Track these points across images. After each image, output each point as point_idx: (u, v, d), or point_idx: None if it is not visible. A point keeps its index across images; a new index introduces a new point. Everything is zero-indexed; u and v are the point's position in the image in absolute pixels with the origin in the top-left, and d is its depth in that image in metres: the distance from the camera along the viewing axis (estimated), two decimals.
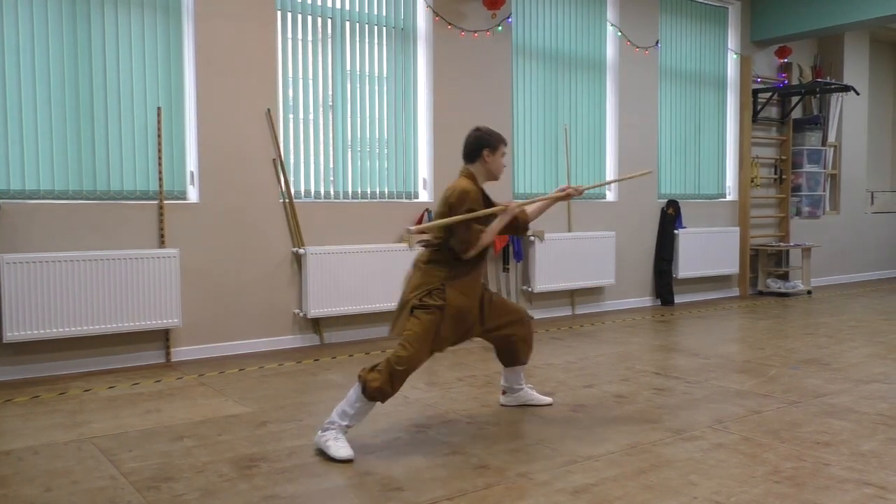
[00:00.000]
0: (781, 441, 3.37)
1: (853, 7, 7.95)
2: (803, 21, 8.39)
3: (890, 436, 3.44)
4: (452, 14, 6.40)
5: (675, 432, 3.51)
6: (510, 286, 6.84)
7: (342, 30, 5.92)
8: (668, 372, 4.77)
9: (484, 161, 3.63)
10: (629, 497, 2.74)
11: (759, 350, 5.50)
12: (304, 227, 5.68)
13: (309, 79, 5.80)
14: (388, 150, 6.22)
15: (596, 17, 7.45)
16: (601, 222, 7.47)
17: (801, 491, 2.78)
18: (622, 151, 7.64)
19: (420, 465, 3.10)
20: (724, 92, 8.71)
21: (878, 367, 4.90)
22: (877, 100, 10.90)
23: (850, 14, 7.99)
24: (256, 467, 3.08)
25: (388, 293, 5.90)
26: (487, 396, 4.19)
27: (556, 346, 5.72)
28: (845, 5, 8.01)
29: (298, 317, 5.68)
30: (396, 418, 3.78)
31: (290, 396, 4.24)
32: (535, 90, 7.03)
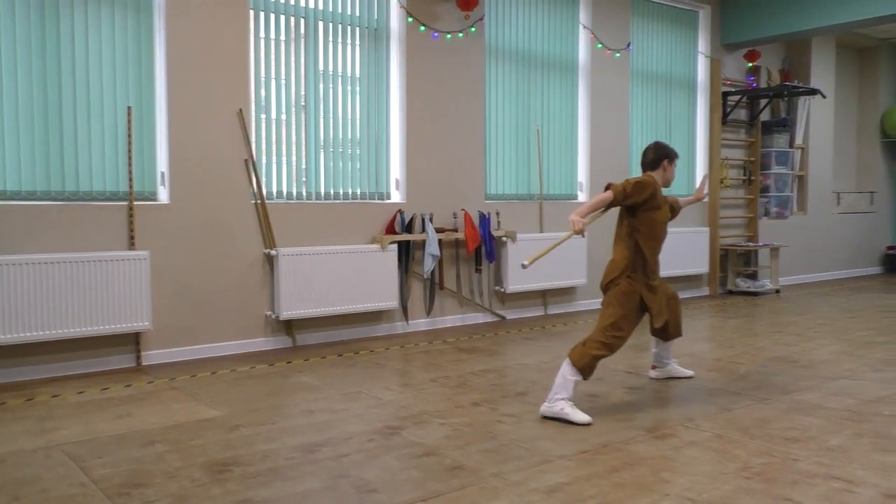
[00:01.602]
0: (751, 438, 3.42)
1: (820, 13, 8.10)
2: (772, 25, 8.52)
3: (856, 431, 3.50)
4: (425, 15, 6.40)
5: (647, 430, 3.54)
6: (483, 287, 6.86)
7: (315, 30, 5.89)
8: (640, 371, 4.81)
9: (664, 169, 4.31)
10: (602, 495, 2.76)
11: (729, 348, 5.57)
12: (276, 228, 5.64)
13: (281, 79, 5.76)
14: (360, 151, 6.20)
15: (568, 19, 7.49)
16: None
17: (771, 486, 2.82)
18: (594, 152, 7.70)
19: (394, 466, 3.10)
20: (694, 94, 8.81)
21: (845, 364, 4.99)
22: (842, 103, 11.10)
23: (816, 19, 8.13)
24: (229, 472, 3.05)
25: (360, 294, 5.89)
26: (460, 397, 4.20)
27: (529, 346, 5.75)
28: (812, 11, 8.15)
29: (270, 319, 5.64)
30: (369, 420, 3.77)
31: (262, 399, 4.21)
32: (507, 91, 7.06)
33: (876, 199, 11.42)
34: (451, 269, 6.63)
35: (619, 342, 3.83)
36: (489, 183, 6.95)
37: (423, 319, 6.49)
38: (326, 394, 4.30)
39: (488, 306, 6.91)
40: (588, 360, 3.76)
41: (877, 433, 3.47)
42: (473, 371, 4.86)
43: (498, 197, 7.02)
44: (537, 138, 7.26)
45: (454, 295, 6.68)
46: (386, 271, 6.03)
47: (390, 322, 6.30)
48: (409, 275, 6.33)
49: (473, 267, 6.78)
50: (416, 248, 6.37)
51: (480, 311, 6.86)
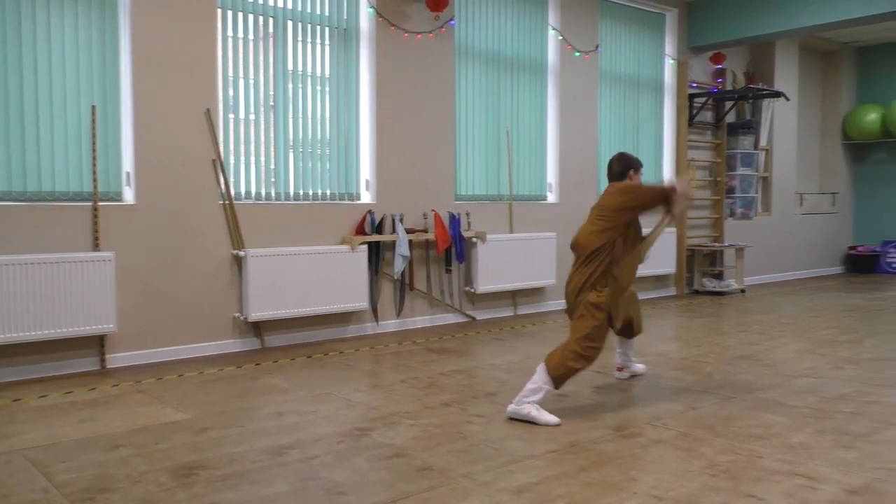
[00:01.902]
0: (717, 435, 3.47)
1: (783, 16, 8.24)
2: (736, 29, 8.65)
3: (818, 428, 3.57)
4: (395, 15, 6.39)
5: (614, 429, 3.58)
6: (453, 287, 6.87)
7: (284, 29, 5.85)
8: (608, 370, 4.85)
9: (630, 179, 4.31)
10: (571, 495, 2.78)
11: (695, 347, 5.64)
12: (244, 229, 5.59)
13: (250, 78, 5.72)
14: (329, 152, 6.18)
15: (538, 21, 7.54)
16: (542, 223, 7.56)
17: (736, 484, 2.87)
18: (563, 154, 7.75)
19: (363, 468, 3.09)
20: (662, 96, 8.91)
21: (808, 362, 5.08)
22: (805, 105, 11.31)
23: (780, 23, 8.27)
24: (196, 475, 3.02)
25: (330, 295, 5.86)
26: (430, 398, 4.20)
27: (498, 346, 5.77)
28: (776, 14, 8.29)
29: (239, 320, 5.59)
30: (339, 422, 3.76)
31: (230, 402, 4.17)
32: (477, 92, 7.08)
33: (838, 200, 11.65)
34: (421, 270, 6.63)
35: (596, 353, 3.81)
36: (459, 184, 6.96)
37: (393, 320, 6.48)
38: (295, 396, 4.28)
39: (458, 307, 6.92)
40: (564, 370, 3.74)
41: (838, 430, 3.54)
42: (443, 372, 4.86)
43: (468, 198, 7.03)
44: (507, 139, 7.29)
45: (424, 296, 6.67)
46: (356, 272, 6.01)
47: (360, 323, 6.28)
48: (379, 275, 6.32)
49: (444, 268, 6.79)
50: (386, 249, 6.36)
51: (450, 311, 6.87)
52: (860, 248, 11.62)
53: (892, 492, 2.78)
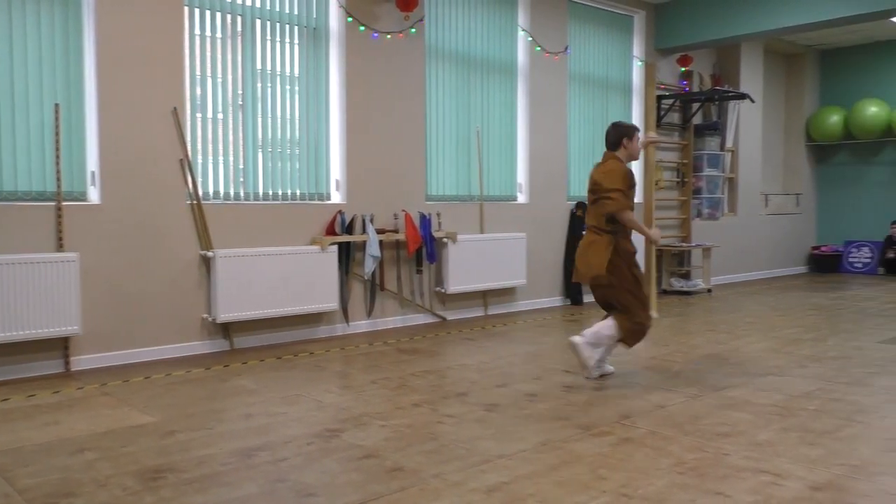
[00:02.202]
0: (685, 434, 3.51)
1: (748, 19, 8.37)
2: (703, 31, 8.77)
3: (783, 425, 3.63)
4: (365, 15, 6.37)
5: (584, 428, 3.60)
6: (424, 288, 6.86)
7: (252, 28, 5.80)
8: (578, 370, 4.88)
9: (625, 147, 4.62)
10: (541, 494, 2.79)
11: (663, 347, 5.70)
12: (212, 229, 5.53)
13: (218, 77, 5.66)
14: (299, 151, 6.14)
15: (507, 22, 7.56)
16: (512, 224, 7.59)
17: (703, 481, 2.90)
18: (533, 154, 7.79)
19: (334, 469, 3.08)
20: (630, 97, 9.00)
21: (773, 360, 5.16)
22: (770, 107, 11.50)
23: (745, 26, 8.40)
24: (163, 479, 2.98)
25: (300, 296, 5.83)
26: (401, 398, 4.19)
27: (469, 346, 5.78)
28: (741, 18, 8.42)
29: (207, 322, 5.53)
30: (309, 423, 3.74)
31: (198, 404, 4.12)
32: (448, 92, 7.08)
33: (802, 201, 11.86)
34: (391, 271, 6.62)
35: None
36: (430, 184, 6.96)
37: (363, 321, 6.46)
38: (265, 397, 4.24)
39: (429, 307, 6.92)
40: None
41: (803, 427, 3.61)
42: (414, 372, 4.86)
43: (439, 198, 7.03)
44: (477, 140, 7.30)
45: (395, 296, 6.66)
46: (326, 273, 5.98)
47: (330, 324, 6.25)
48: (349, 276, 6.29)
49: (414, 268, 6.78)
50: (356, 250, 6.34)
51: (421, 312, 6.86)
52: (823, 248, 11.84)
53: (854, 488, 2.84)
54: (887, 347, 5.59)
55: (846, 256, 11.62)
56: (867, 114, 11.05)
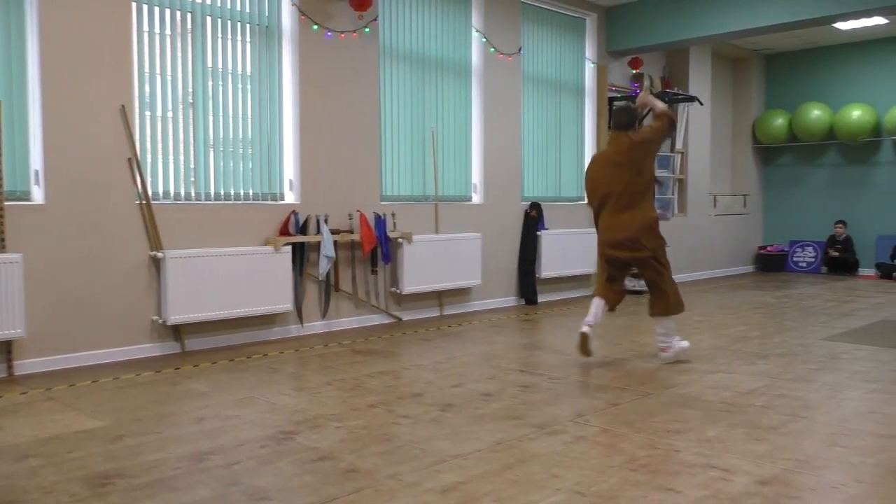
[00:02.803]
0: (637, 431, 3.56)
1: (696, 24, 8.54)
2: (653, 35, 8.92)
3: (732, 422, 3.71)
4: (318, 14, 6.32)
5: (539, 427, 3.63)
6: (379, 288, 6.84)
7: (202, 25, 5.71)
8: (533, 369, 4.93)
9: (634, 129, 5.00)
10: (496, 493, 2.81)
11: (616, 345, 5.78)
12: (162, 229, 5.43)
13: (167, 75, 5.55)
14: (252, 151, 6.06)
15: (461, 23, 7.59)
16: (468, 224, 7.62)
17: (655, 477, 2.95)
18: (487, 154, 7.83)
19: (288, 472, 3.05)
20: (583, 99, 9.11)
21: (722, 358, 5.28)
22: (718, 110, 11.76)
23: (693, 30, 8.58)
24: (112, 484, 2.91)
25: (253, 297, 5.76)
26: (356, 399, 4.17)
27: (424, 346, 5.78)
28: (690, 22, 8.59)
29: (157, 324, 5.43)
30: (262, 426, 3.70)
31: (148, 408, 4.04)
32: (402, 92, 7.07)
33: (749, 202, 12.15)
34: (346, 271, 6.58)
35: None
36: (385, 184, 6.94)
37: (318, 322, 6.41)
38: (217, 400, 4.18)
39: (384, 308, 6.90)
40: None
41: (750, 423, 3.69)
42: (369, 373, 4.84)
43: (393, 198, 7.02)
44: (432, 140, 7.31)
45: (350, 297, 6.63)
46: (280, 273, 5.92)
47: (284, 325, 6.18)
48: (303, 277, 6.24)
49: (369, 268, 6.76)
50: (310, 250, 6.28)
51: (376, 312, 6.84)
52: (769, 247, 12.15)
53: (799, 481, 2.92)
54: (830, 344, 5.76)
55: (791, 256, 11.94)
56: (810, 117, 11.38)
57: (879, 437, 3.46)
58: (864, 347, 5.62)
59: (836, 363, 5.08)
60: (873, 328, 6.52)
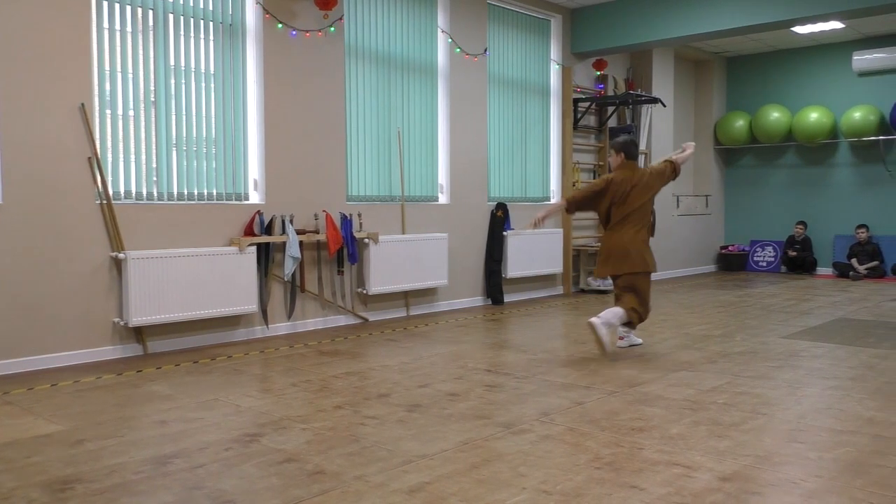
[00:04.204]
0: (601, 429, 3.60)
1: (659, 27, 8.66)
2: (617, 36, 9.02)
3: (694, 419, 3.77)
4: (283, 12, 6.28)
5: (505, 426, 3.65)
6: (345, 289, 6.81)
7: (165, 22, 5.63)
8: (499, 369, 4.95)
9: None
10: (463, 492, 2.81)
11: (581, 345, 5.83)
12: (124, 230, 5.35)
13: (129, 72, 5.47)
14: (216, 150, 6.00)
15: (427, 23, 7.59)
16: (434, 224, 7.62)
17: (619, 475, 2.99)
18: (454, 155, 7.84)
19: (253, 475, 3.02)
20: (548, 100, 9.17)
21: (685, 356, 5.35)
22: (680, 111, 11.92)
23: (656, 33, 8.69)
24: (71, 490, 2.86)
25: (218, 298, 5.70)
26: (322, 401, 4.15)
27: (391, 347, 5.77)
28: (652, 25, 8.70)
29: (119, 326, 5.34)
30: (227, 428, 3.66)
31: (109, 411, 3.98)
32: (368, 92, 7.05)
33: (711, 202, 12.34)
34: (312, 272, 6.54)
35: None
36: (351, 184, 6.92)
37: (283, 323, 6.36)
38: (180, 403, 4.13)
39: (351, 308, 6.87)
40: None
41: (712, 421, 3.75)
42: (336, 374, 4.82)
43: (360, 198, 7.00)
44: (398, 140, 7.30)
45: (316, 297, 6.59)
46: (244, 274, 5.86)
47: (249, 326, 6.13)
48: (268, 277, 6.19)
49: (335, 269, 6.73)
50: (276, 251, 6.24)
51: (343, 313, 6.81)
52: (731, 247, 12.36)
53: (759, 477, 2.98)
54: (789, 342, 5.88)
55: (752, 255, 12.16)
56: (770, 119, 11.59)
57: (836, 433, 3.54)
58: (822, 345, 5.74)
59: (796, 361, 5.18)
60: (831, 326, 6.67)
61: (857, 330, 6.44)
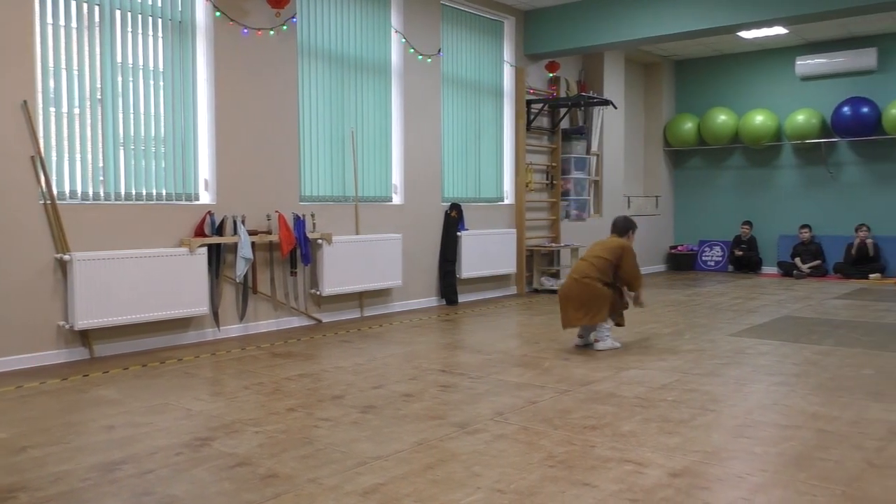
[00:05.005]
0: (555, 428, 3.63)
1: (610, 30, 8.79)
2: (568, 39, 9.12)
3: (645, 416, 3.83)
4: (234, 10, 6.19)
5: (459, 426, 3.66)
6: (298, 290, 6.75)
7: (111, 18, 5.51)
8: (453, 369, 4.96)
9: (629, 237, 5.81)
10: (417, 493, 2.81)
11: (534, 344, 5.88)
12: (69, 230, 5.21)
13: (74, 69, 5.33)
14: (165, 149, 5.88)
15: (381, 23, 7.57)
16: (388, 225, 7.60)
17: (572, 473, 3.02)
18: (408, 156, 7.83)
19: (204, 479, 2.97)
20: (501, 101, 9.22)
21: (636, 354, 5.44)
22: (631, 113, 12.11)
23: (607, 35, 8.81)
24: (14, 498, 2.78)
25: (167, 300, 5.59)
26: (275, 403, 4.11)
27: (345, 348, 5.74)
28: (603, 27, 8.82)
29: (64, 329, 5.20)
30: (177, 433, 3.59)
31: (54, 417, 3.87)
32: (321, 92, 7.00)
33: (661, 203, 12.56)
34: (265, 273, 6.47)
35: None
36: (304, 184, 6.86)
37: (235, 325, 6.27)
38: (129, 407, 4.04)
39: (304, 310, 6.81)
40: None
41: (662, 418, 3.82)
42: (289, 376, 4.77)
43: (313, 199, 6.94)
44: (352, 140, 7.26)
45: (268, 299, 6.52)
46: (195, 276, 5.76)
47: (200, 329, 6.03)
48: (220, 279, 6.10)
49: (288, 270, 6.66)
50: (227, 252, 6.15)
51: (296, 314, 6.75)
52: (680, 247, 12.60)
53: (708, 472, 3.04)
54: (736, 340, 6.02)
55: (700, 255, 12.41)
56: (717, 121, 11.86)
57: (781, 428, 3.63)
58: (768, 342, 5.90)
59: (742, 358, 5.31)
60: (776, 324, 6.85)
61: (801, 327, 6.63)
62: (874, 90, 10.79)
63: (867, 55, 10.68)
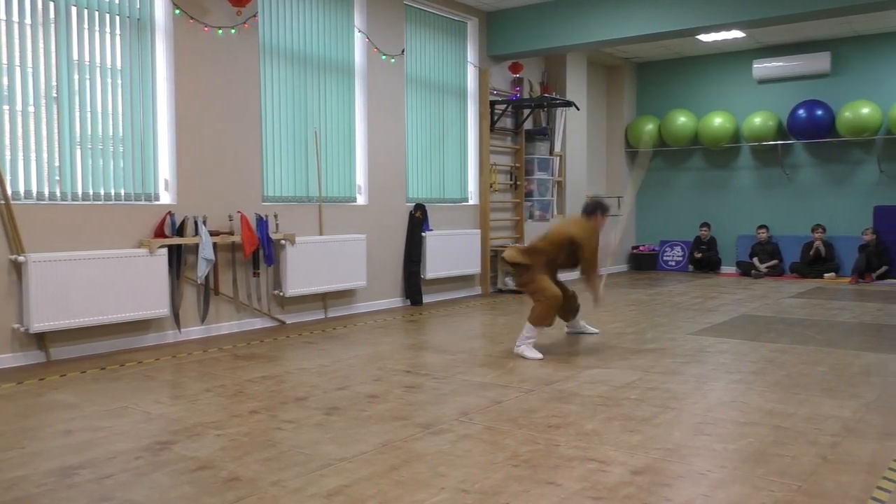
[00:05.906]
0: (519, 427, 3.65)
1: (572, 32, 8.86)
2: (531, 40, 9.18)
3: (608, 415, 3.88)
4: (194, 8, 6.11)
5: (424, 427, 3.66)
6: (261, 291, 6.68)
7: (67, 15, 5.39)
8: (418, 369, 4.96)
9: (597, 218, 5.69)
10: (382, 494, 2.81)
11: (499, 344, 5.90)
12: (24, 231, 5.09)
13: (28, 67, 5.21)
14: (123, 149, 5.78)
15: (344, 23, 7.53)
16: (352, 225, 7.57)
17: (536, 472, 3.04)
18: (371, 156, 7.81)
19: (165, 484, 2.93)
20: (465, 102, 9.24)
21: (599, 353, 5.49)
22: (593, 114, 12.23)
23: (569, 37, 8.89)
24: None
25: (126, 302, 5.50)
26: (238, 406, 4.06)
27: (308, 349, 5.70)
28: (565, 30, 8.90)
29: (19, 332, 5.08)
30: (137, 437, 3.53)
31: (9, 422, 3.78)
32: (284, 91, 6.94)
33: (622, 203, 12.69)
34: (227, 274, 6.39)
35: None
36: (266, 185, 6.79)
37: (196, 327, 6.19)
38: (87, 411, 3.96)
39: (267, 311, 6.75)
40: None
41: (625, 416, 3.87)
42: (251, 378, 4.72)
43: (276, 199, 6.88)
44: (315, 140, 7.21)
45: (231, 300, 6.44)
46: (155, 277, 5.67)
47: (160, 331, 5.94)
48: (180, 280, 6.01)
49: (251, 271, 6.59)
50: (188, 252, 6.06)
51: (259, 316, 6.68)
52: (642, 247, 12.76)
53: (669, 469, 3.09)
54: (696, 338, 6.11)
55: (661, 255, 12.58)
56: (677, 123, 12.03)
57: (740, 425, 3.70)
58: (727, 340, 6.00)
59: (702, 356, 5.39)
60: (734, 323, 6.97)
61: (759, 326, 6.76)
62: (828, 93, 11.04)
63: (821, 59, 10.93)
